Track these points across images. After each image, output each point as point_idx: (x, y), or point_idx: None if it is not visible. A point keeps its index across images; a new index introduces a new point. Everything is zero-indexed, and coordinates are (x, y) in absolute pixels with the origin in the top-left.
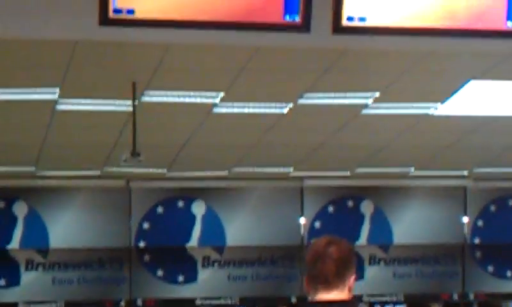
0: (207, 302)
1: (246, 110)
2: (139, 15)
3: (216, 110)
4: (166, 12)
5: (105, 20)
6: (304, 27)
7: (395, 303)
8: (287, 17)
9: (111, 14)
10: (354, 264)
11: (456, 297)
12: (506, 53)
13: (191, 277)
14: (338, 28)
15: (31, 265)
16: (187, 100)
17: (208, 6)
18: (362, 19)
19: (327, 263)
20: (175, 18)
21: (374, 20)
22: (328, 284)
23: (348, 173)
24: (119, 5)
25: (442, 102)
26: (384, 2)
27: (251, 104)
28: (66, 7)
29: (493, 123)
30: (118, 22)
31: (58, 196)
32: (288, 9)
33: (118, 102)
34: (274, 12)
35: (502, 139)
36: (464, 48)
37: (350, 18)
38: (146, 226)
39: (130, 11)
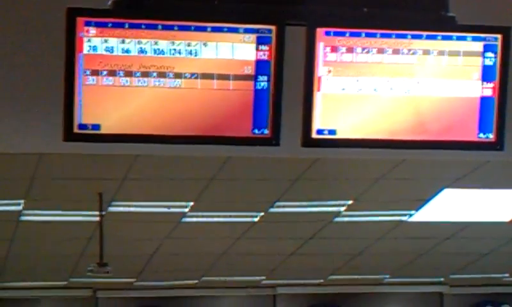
0: None
1: (215, 220)
2: (105, 130)
3: (185, 219)
4: (133, 127)
5: (69, 136)
6: (274, 140)
7: None
8: (256, 131)
9: (76, 129)
10: None
11: None
12: (478, 163)
13: None
14: (307, 141)
15: None
16: (156, 209)
17: (175, 121)
18: (332, 132)
19: None
20: (142, 132)
21: (344, 133)
22: None
23: (321, 280)
24: (84, 121)
25: (417, 209)
26: (354, 115)
27: (221, 213)
28: (30, 122)
29: (467, 230)
30: (83, 138)
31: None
32: (257, 123)
33: (84, 212)
34: (243, 126)
35: (477, 245)
36: (435, 158)
37: (320, 131)
38: None
39: (96, 127)
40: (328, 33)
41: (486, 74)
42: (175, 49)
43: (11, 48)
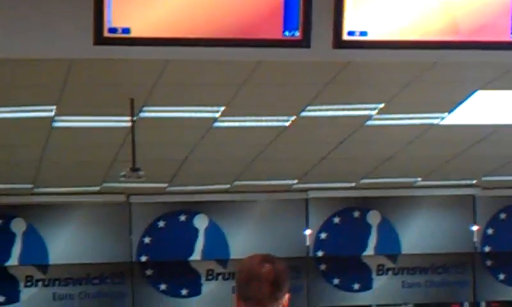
0: None
1: (247, 124)
2: (135, 33)
3: (217, 124)
4: (163, 30)
5: (100, 39)
6: (305, 42)
7: None
8: (287, 33)
9: (106, 33)
10: (288, 283)
11: (467, 306)
12: (511, 64)
13: (195, 291)
14: (339, 43)
15: (30, 281)
16: (187, 114)
17: (205, 23)
18: (363, 33)
19: (262, 285)
20: (172, 35)
21: (375, 34)
22: (262, 306)
23: (353, 184)
24: (114, 24)
25: (449, 111)
26: (385, 16)
27: (252, 118)
28: (61, 27)
29: (500, 132)
30: (113, 41)
31: (57, 212)
32: (288, 25)
33: (116, 118)
34: (274, 28)
35: (510, 147)
36: (468, 60)
37: (351, 33)
38: (147, 240)
39: (126, 30)
40: None
41: None
42: None
43: None
